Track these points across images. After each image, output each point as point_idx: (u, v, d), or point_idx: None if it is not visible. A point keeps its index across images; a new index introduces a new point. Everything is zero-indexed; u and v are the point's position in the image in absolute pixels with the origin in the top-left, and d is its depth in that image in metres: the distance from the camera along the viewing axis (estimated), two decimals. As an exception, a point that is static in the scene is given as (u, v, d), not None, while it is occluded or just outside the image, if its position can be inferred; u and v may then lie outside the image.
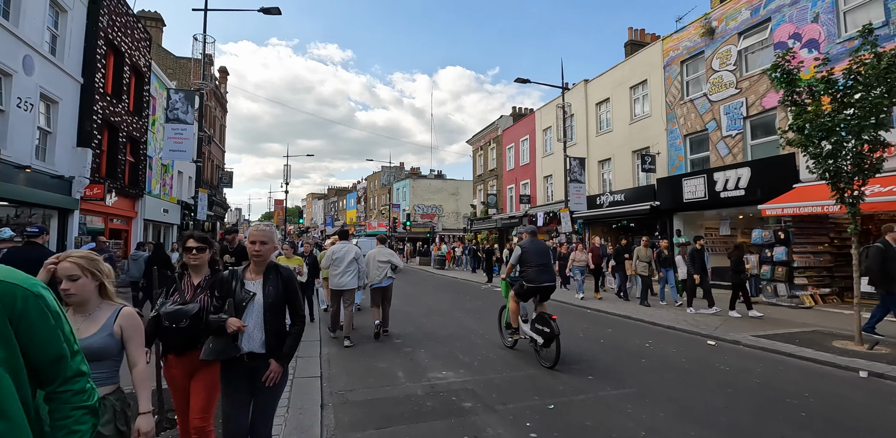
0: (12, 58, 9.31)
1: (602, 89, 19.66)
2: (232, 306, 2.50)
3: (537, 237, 6.35)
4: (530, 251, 5.91)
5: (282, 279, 2.61)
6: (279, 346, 2.55)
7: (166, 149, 12.12)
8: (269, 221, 4.98)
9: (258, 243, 2.57)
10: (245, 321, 2.49)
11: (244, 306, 2.50)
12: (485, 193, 31.94)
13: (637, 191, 16.85)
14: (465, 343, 6.61)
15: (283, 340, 2.57)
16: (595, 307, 10.22)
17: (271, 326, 2.54)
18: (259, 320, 2.53)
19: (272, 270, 2.64)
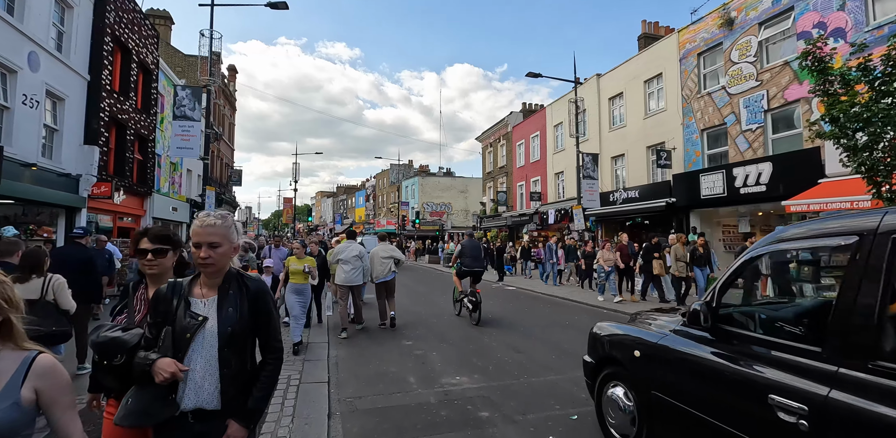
0: (17, 54, 9.18)
1: (615, 84, 19.22)
2: (170, 338, 1.69)
3: (473, 238, 9.13)
4: (467, 248, 8.59)
5: (248, 296, 1.77)
6: (242, 398, 1.71)
7: (173, 146, 11.98)
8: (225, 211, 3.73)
9: (205, 247, 1.70)
10: (188, 363, 1.67)
11: (189, 337, 1.68)
12: (494, 190, 31.60)
13: (652, 187, 16.43)
14: (478, 345, 6.35)
15: (248, 388, 1.73)
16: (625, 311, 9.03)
17: (230, 368, 1.70)
18: (211, 359, 1.69)
19: (233, 282, 1.78)
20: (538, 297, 12.48)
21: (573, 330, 7.40)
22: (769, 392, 1.96)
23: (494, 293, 13.06)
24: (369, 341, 6.76)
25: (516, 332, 7.27)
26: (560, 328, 7.65)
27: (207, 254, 1.70)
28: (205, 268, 1.74)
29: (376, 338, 6.94)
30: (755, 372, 2.10)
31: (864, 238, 1.84)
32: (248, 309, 1.75)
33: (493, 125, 31.79)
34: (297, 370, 4.97)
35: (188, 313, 1.72)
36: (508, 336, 6.96)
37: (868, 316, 1.72)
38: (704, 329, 2.52)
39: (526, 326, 7.88)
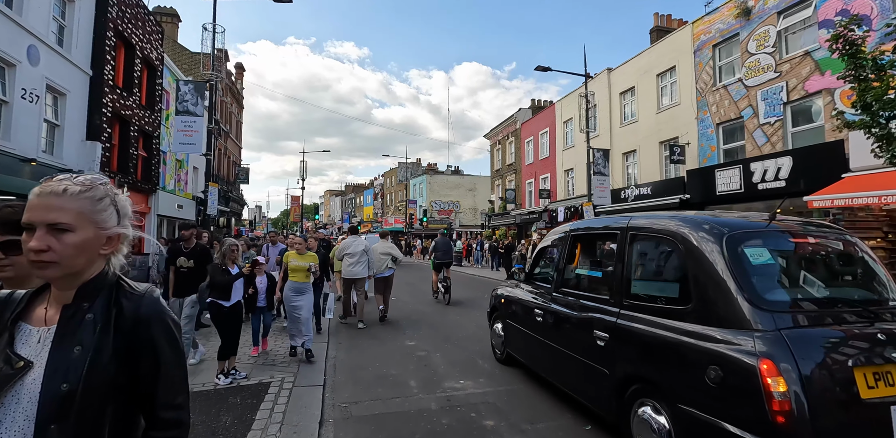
0: (16, 47, 9.02)
1: (626, 78, 18.76)
2: None
3: (445, 237, 11.53)
4: (438, 244, 10.99)
5: (120, 324, 1.01)
6: None
7: (176, 142, 11.80)
8: (99, 176, 3.00)
9: (40, 231, 0.97)
10: None
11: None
12: (503, 188, 31.21)
13: (665, 184, 15.98)
14: (485, 347, 6.03)
15: None
16: None
17: None
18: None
19: (97, 299, 1.02)
20: None
21: None
22: (565, 313, 3.83)
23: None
24: (371, 340, 6.48)
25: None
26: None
27: (43, 244, 0.95)
28: (40, 270, 0.97)
29: (378, 337, 6.67)
30: (556, 306, 4.00)
31: (622, 232, 3.42)
32: (113, 348, 0.98)
33: (502, 122, 31.39)
34: (292, 373, 4.70)
35: (5, 352, 0.96)
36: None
37: (622, 277, 3.29)
38: (525, 282, 4.88)
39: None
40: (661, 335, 2.75)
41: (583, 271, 3.98)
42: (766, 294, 2.49)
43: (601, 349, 3.21)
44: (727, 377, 2.31)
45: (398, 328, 7.47)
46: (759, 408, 2.15)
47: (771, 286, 2.61)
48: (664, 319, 2.81)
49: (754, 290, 2.48)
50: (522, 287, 4.83)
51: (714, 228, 2.80)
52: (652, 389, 2.77)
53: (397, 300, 9.22)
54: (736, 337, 2.38)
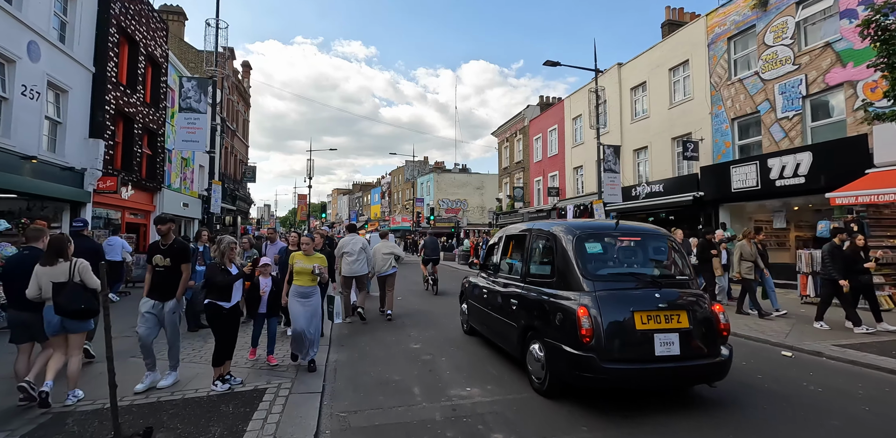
0: (15, 43, 8.88)
1: (637, 73, 18.34)
2: None
3: (432, 237, 13.01)
4: (427, 243, 12.60)
5: None
6: None
7: (179, 139, 11.65)
8: None
9: None
10: None
11: None
12: (511, 186, 30.88)
13: (677, 181, 15.58)
14: (493, 351, 5.76)
15: None
16: None
17: None
18: None
19: None
20: None
21: None
22: (498, 290, 5.24)
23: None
24: (373, 343, 6.24)
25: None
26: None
27: None
28: None
29: (380, 339, 6.42)
30: (495, 286, 5.41)
31: (546, 234, 4.60)
32: None
33: (510, 119, 31.02)
34: (290, 378, 4.47)
35: None
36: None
37: (543, 263, 4.54)
38: (481, 271, 6.36)
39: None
40: (540, 298, 4.32)
41: (509, 261, 5.58)
42: (592, 270, 4.06)
43: (513, 311, 4.78)
44: (564, 318, 3.86)
45: (402, 328, 7.23)
46: (576, 334, 3.69)
47: (597, 265, 4.16)
48: (542, 288, 4.40)
49: (586, 268, 4.05)
50: (480, 275, 6.41)
51: (571, 229, 4.38)
52: (536, 333, 4.28)
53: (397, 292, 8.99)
54: (571, 296, 3.94)
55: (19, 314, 3.95)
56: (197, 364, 4.95)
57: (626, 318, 3.67)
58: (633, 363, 3.60)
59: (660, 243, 4.48)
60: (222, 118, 24.98)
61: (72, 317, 3.81)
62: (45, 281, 3.80)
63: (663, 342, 3.63)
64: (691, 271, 4.32)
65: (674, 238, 4.58)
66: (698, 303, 3.90)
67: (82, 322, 3.93)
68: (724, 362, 3.74)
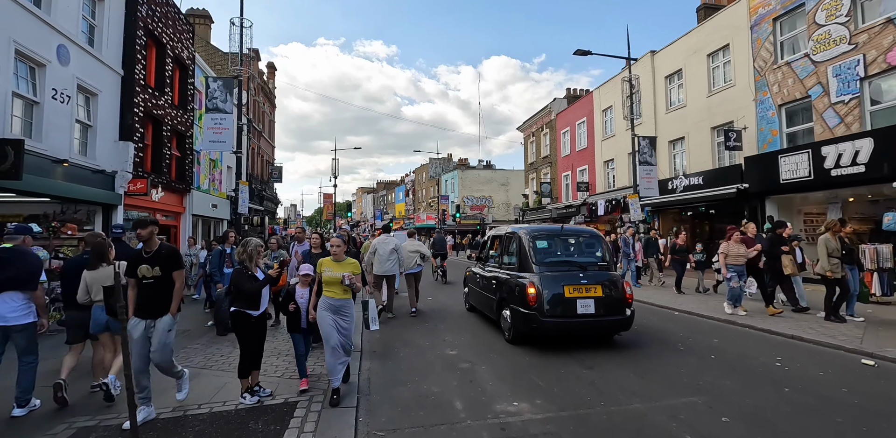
0: (45, 47, 8.91)
1: (672, 60, 17.47)
2: None
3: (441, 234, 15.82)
4: (436, 240, 15.33)
5: None
6: None
7: (205, 140, 11.59)
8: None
9: None
10: None
11: None
12: (537, 181, 30.21)
13: (718, 173, 14.74)
14: (536, 358, 5.36)
15: None
16: (766, 328, 6.72)
17: None
18: None
19: None
20: None
21: (668, 349, 5.90)
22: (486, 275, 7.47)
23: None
24: (407, 348, 5.92)
25: (583, 343, 6.19)
26: (640, 342, 6.51)
27: None
28: None
29: (413, 343, 6.10)
30: (484, 273, 7.60)
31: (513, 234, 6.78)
32: None
33: (536, 113, 30.32)
34: (322, 390, 4.18)
35: None
36: (577, 350, 5.91)
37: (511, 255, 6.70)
38: (478, 262, 8.49)
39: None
40: (508, 279, 6.34)
41: (493, 254, 7.64)
42: (540, 259, 6.03)
43: (493, 289, 6.87)
44: (521, 290, 5.77)
45: (435, 332, 6.89)
46: (525, 299, 5.62)
47: (543, 256, 6.09)
48: (510, 271, 6.45)
49: (535, 257, 6.05)
50: (477, 266, 8.32)
51: (529, 231, 6.45)
52: (506, 302, 6.24)
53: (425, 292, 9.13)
54: (526, 276, 5.88)
55: (80, 314, 4.30)
56: (226, 373, 4.72)
57: (558, 290, 5.66)
58: (562, 318, 5.58)
59: (592, 241, 6.56)
60: (248, 119, 25.18)
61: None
62: (94, 285, 4.16)
63: (583, 305, 5.61)
64: (610, 260, 6.33)
65: (601, 236, 6.70)
66: (611, 281, 5.87)
67: None
68: (627, 319, 5.77)
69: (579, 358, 5.30)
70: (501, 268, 6.87)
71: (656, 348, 5.80)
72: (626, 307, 5.75)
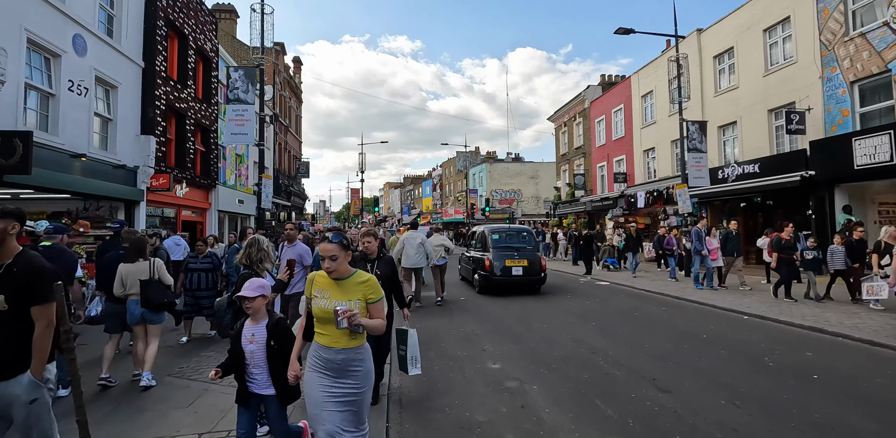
0: (60, 37, 8.54)
1: (722, 38, 16.04)
2: None
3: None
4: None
5: None
6: None
7: (227, 132, 11.15)
8: None
9: None
10: None
11: None
12: (570, 173, 28.97)
13: (778, 159, 13.39)
14: (595, 375, 4.53)
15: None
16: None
17: None
18: None
19: None
20: (689, 307, 8.44)
21: (767, 372, 4.65)
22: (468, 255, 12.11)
23: (587, 291, 10.99)
24: (442, 360, 5.19)
25: (654, 357, 5.31)
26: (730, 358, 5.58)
27: None
28: None
29: (449, 354, 5.37)
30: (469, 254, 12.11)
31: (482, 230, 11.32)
32: None
33: (568, 102, 29.02)
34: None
35: None
36: (646, 366, 5.05)
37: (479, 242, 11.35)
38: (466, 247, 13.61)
39: (666, 352, 5.88)
40: (477, 256, 10.91)
41: (473, 242, 11.83)
42: (493, 244, 10.43)
43: (471, 262, 11.38)
44: (482, 262, 10.38)
45: (475, 341, 6.14)
46: (485, 267, 10.22)
47: (495, 243, 10.50)
48: (479, 252, 11.02)
49: (491, 244, 10.49)
50: (464, 251, 12.58)
51: (488, 229, 11.10)
52: (476, 269, 10.79)
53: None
54: (486, 255, 10.36)
55: (116, 306, 4.62)
56: (229, 396, 4.07)
57: (502, 262, 9.88)
58: (504, 277, 9.88)
59: (524, 234, 10.92)
60: (275, 114, 24.93)
61: (155, 310, 4.50)
62: (130, 278, 4.44)
63: (515, 270, 9.86)
64: (534, 246, 10.64)
65: (532, 232, 11.27)
66: (533, 256, 10.15)
67: (160, 314, 4.59)
68: (541, 278, 10.22)
69: (650, 376, 4.45)
70: (476, 250, 11.33)
71: (743, 365, 4.88)
72: (541, 272, 10.24)
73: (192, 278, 6.14)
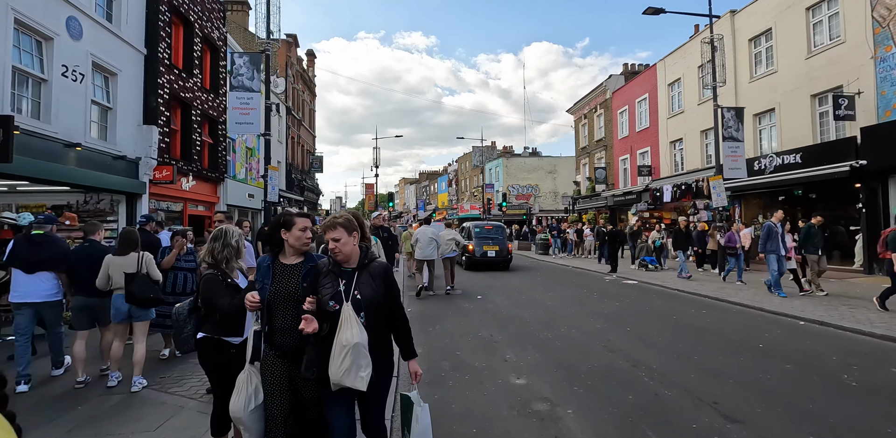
0: (51, 18, 8.02)
1: (759, 19, 14.93)
2: None
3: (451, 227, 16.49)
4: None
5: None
6: None
7: (231, 122, 10.62)
8: None
9: None
10: None
11: None
12: (590, 167, 27.96)
13: (822, 148, 12.34)
14: (642, 396, 3.79)
15: None
16: None
17: None
18: None
19: None
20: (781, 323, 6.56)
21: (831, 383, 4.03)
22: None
23: (615, 291, 10.16)
24: (458, 372, 4.50)
25: (705, 371, 4.53)
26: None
27: None
28: None
29: (466, 365, 4.68)
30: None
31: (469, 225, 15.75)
32: None
33: (589, 93, 27.95)
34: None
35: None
36: (703, 386, 4.29)
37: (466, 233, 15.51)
38: None
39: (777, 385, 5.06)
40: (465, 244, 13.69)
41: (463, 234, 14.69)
42: (476, 236, 14.81)
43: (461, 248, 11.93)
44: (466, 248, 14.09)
45: (495, 349, 5.44)
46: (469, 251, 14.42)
47: (477, 234, 14.86)
48: (465, 241, 14.00)
49: (474, 234, 14.88)
50: None
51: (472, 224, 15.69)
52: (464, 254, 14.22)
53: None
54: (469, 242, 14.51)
55: (86, 300, 4.40)
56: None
57: (481, 247, 14.44)
58: (482, 257, 14.39)
59: (498, 227, 15.43)
60: (287, 107, 24.46)
61: (141, 305, 4.24)
62: (116, 271, 4.21)
63: (489, 252, 14.39)
64: (504, 236, 15.15)
65: (503, 227, 15.94)
66: (503, 244, 14.65)
67: (147, 310, 4.35)
68: (509, 259, 14.86)
69: (710, 398, 3.69)
70: (467, 239, 14.29)
71: (819, 384, 4.08)
72: (508, 254, 14.63)
73: (173, 278, 5.05)
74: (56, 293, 4.45)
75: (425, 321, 6.94)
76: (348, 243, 2.22)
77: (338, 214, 2.56)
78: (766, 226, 8.90)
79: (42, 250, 4.34)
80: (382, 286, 2.25)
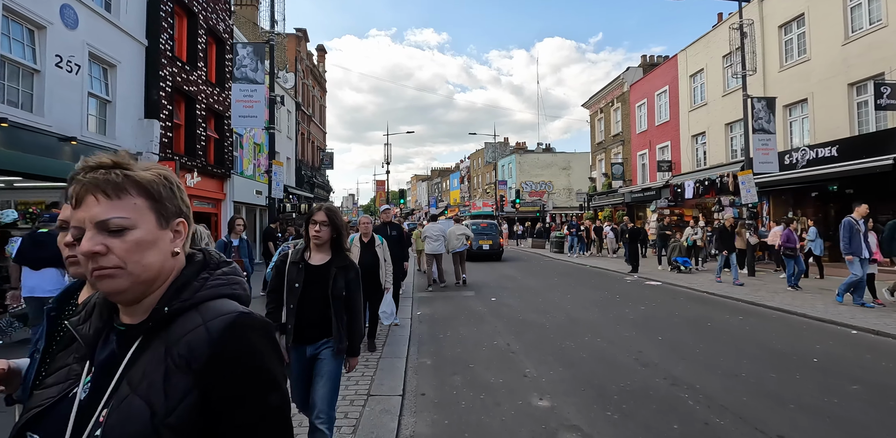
0: (43, 5, 7.65)
1: (789, 4, 14.07)
2: None
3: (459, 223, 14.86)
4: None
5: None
6: None
7: (234, 115, 10.21)
8: None
9: None
10: None
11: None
12: (606, 162, 27.15)
13: (861, 141, 11.53)
14: (689, 424, 3.23)
15: None
16: None
17: None
18: None
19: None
20: None
21: None
22: None
23: (639, 292, 9.53)
24: (471, 390, 3.99)
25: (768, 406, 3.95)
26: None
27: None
28: None
29: (480, 380, 4.16)
30: None
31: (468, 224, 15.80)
32: None
33: (605, 87, 27.11)
34: None
35: None
36: (759, 417, 3.71)
37: None
38: None
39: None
40: None
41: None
42: (475, 232, 15.49)
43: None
44: None
45: (512, 360, 4.91)
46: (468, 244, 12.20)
47: (475, 231, 16.09)
48: None
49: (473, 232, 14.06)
50: None
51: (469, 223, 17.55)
52: None
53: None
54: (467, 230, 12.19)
55: None
56: None
57: (478, 242, 16.07)
58: (479, 250, 16.25)
59: (492, 224, 18.57)
60: (297, 103, 24.10)
61: None
62: None
63: (483, 246, 16.70)
64: (497, 232, 17.86)
65: (496, 224, 19.57)
66: (495, 239, 17.21)
67: None
68: (501, 251, 17.57)
69: (773, 430, 3.12)
70: None
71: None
72: (500, 248, 17.32)
73: None
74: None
75: (436, 326, 6.43)
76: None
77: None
78: (845, 223, 7.28)
79: (46, 248, 4.44)
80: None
